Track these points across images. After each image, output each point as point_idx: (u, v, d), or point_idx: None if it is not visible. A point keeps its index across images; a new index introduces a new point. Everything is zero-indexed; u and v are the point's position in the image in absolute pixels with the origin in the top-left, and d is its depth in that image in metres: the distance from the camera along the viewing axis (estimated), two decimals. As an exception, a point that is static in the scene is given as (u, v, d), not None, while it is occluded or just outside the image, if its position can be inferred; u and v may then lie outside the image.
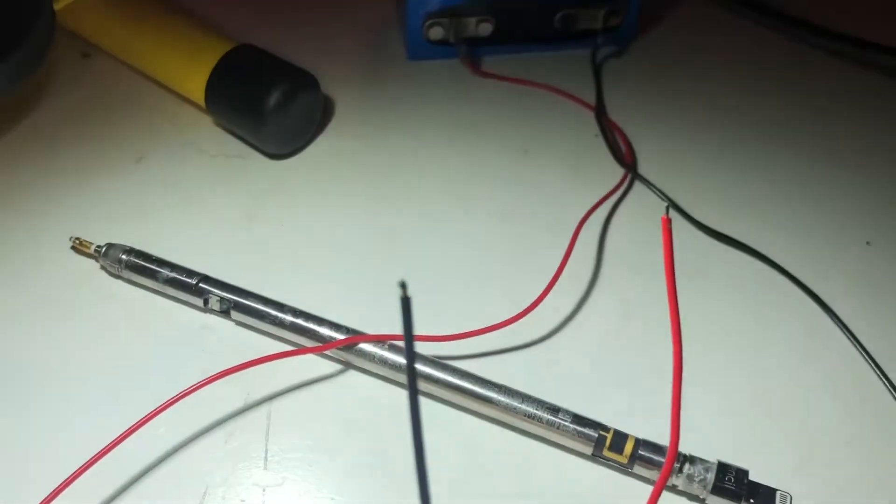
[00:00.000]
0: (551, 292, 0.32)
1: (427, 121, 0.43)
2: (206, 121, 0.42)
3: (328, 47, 0.47)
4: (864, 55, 0.35)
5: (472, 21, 0.44)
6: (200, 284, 0.33)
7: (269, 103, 0.38)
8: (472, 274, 0.35)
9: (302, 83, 0.39)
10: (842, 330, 0.33)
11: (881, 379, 0.32)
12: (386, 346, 0.31)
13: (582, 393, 0.31)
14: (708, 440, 0.29)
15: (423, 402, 0.30)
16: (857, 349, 0.33)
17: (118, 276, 0.34)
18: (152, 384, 0.31)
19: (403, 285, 0.16)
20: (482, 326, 0.31)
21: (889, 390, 0.31)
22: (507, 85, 0.45)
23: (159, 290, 0.34)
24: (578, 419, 0.29)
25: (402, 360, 0.30)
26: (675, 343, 0.20)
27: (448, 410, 0.30)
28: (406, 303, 0.16)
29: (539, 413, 0.29)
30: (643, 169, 0.41)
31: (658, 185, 0.39)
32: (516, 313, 0.31)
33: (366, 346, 0.31)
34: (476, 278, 0.35)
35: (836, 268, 0.36)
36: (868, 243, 0.37)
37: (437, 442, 0.29)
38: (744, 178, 0.40)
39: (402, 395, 0.31)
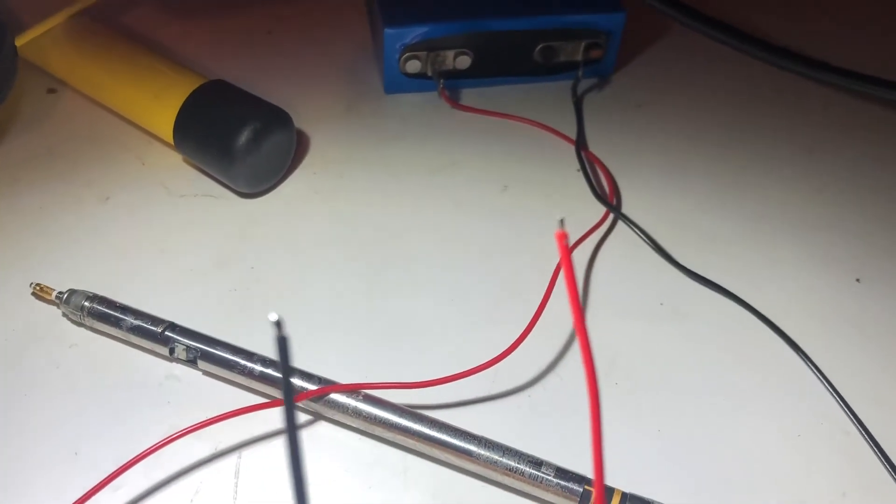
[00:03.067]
0: (532, 335, 0.31)
1: (405, 156, 0.42)
2: (176, 158, 0.41)
3: (304, 81, 0.47)
4: (853, 85, 0.35)
5: (449, 54, 0.43)
6: (166, 332, 0.32)
7: (239, 142, 0.37)
8: (450, 316, 0.34)
9: (274, 120, 0.38)
10: (821, 380, 0.33)
11: (859, 430, 0.31)
12: (359, 397, 0.29)
13: (565, 443, 0.30)
14: (685, 488, 0.28)
15: (398, 455, 0.29)
16: (839, 404, 0.32)
17: (81, 324, 0.33)
18: (114, 439, 0.29)
19: (278, 324, 0.15)
20: (459, 371, 0.30)
21: (878, 456, 0.30)
22: (487, 118, 0.44)
23: (124, 338, 0.32)
24: (562, 473, 0.28)
25: (377, 411, 0.29)
26: (589, 377, 0.18)
27: (423, 463, 0.29)
28: (282, 343, 0.15)
29: (520, 467, 0.28)
30: (626, 205, 0.40)
31: (639, 223, 0.38)
32: (493, 357, 0.30)
33: (337, 397, 0.30)
34: (454, 321, 0.34)
35: (818, 315, 0.35)
36: (858, 280, 0.37)
37: (412, 499, 0.28)
38: (729, 216, 0.40)
39: (378, 447, 0.30)
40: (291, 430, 0.16)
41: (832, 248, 0.38)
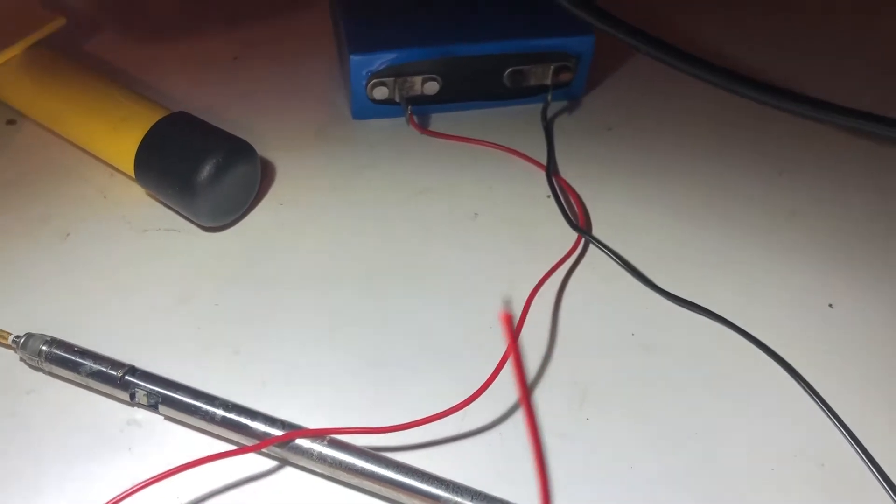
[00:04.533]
0: (505, 372, 0.30)
1: (374, 185, 0.42)
2: (139, 191, 0.40)
3: (270, 107, 0.46)
4: (821, 114, 0.35)
5: (417, 80, 0.43)
6: (126, 377, 0.31)
7: (200, 176, 0.36)
8: (420, 353, 0.34)
9: (236, 153, 0.37)
10: (810, 394, 0.32)
11: (856, 451, 0.30)
12: (325, 442, 0.29)
13: (533, 483, 0.29)
14: None
15: (366, 501, 0.29)
16: (827, 416, 0.32)
17: (38, 369, 0.32)
18: (72, 491, 0.28)
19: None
20: (429, 414, 0.29)
21: (867, 465, 0.30)
22: (456, 144, 0.44)
23: (82, 383, 0.31)
24: None
25: (343, 456, 0.28)
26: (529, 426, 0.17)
27: None
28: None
29: None
30: (598, 230, 0.39)
31: (613, 248, 0.38)
32: (464, 398, 0.30)
33: (303, 442, 0.29)
34: (424, 357, 0.34)
35: (802, 331, 0.35)
36: (831, 305, 0.36)
37: None
38: (702, 239, 0.39)
39: (344, 494, 0.29)
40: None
41: (805, 272, 0.38)
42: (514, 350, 0.17)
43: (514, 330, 0.16)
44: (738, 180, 0.43)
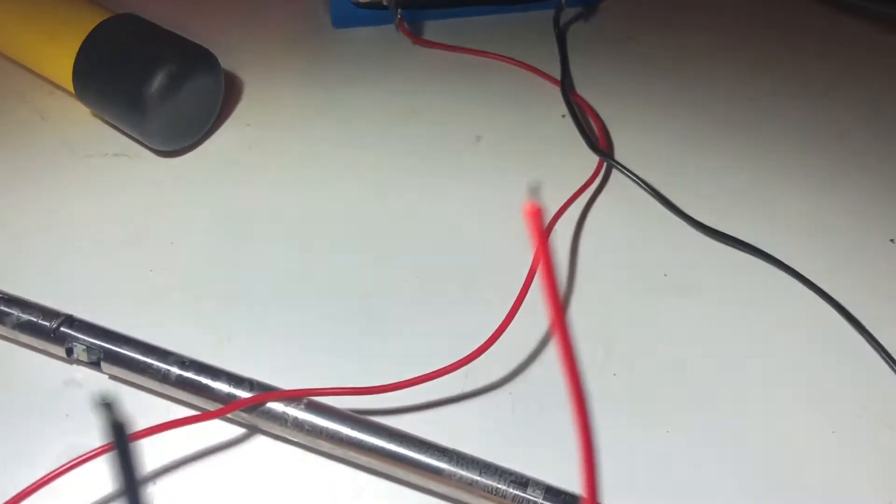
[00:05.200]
0: (515, 321, 0.27)
1: (358, 103, 0.38)
2: (83, 111, 0.37)
3: (236, 15, 0.42)
4: (875, 7, 0.32)
5: (409, -21, 0.39)
6: (61, 329, 0.27)
7: (151, 89, 0.32)
8: (413, 303, 0.31)
9: (194, 61, 0.34)
10: (874, 348, 0.29)
11: None
12: (302, 405, 0.25)
13: (557, 448, 0.26)
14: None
15: (350, 475, 0.25)
16: (893, 369, 0.28)
17: (-43, 320, 0.29)
18: (1, 466, 0.25)
19: (109, 405, 0.12)
20: (426, 371, 0.26)
21: None
22: (454, 56, 0.41)
23: (10, 336, 0.28)
24: (553, 493, 0.24)
25: (323, 422, 0.25)
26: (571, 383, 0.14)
27: (382, 484, 0.25)
28: (120, 432, 0.12)
29: (502, 487, 0.24)
30: (620, 155, 0.36)
31: (639, 174, 0.34)
32: (469, 353, 0.26)
33: (276, 406, 0.26)
34: (419, 308, 0.30)
35: (858, 269, 0.32)
36: (893, 241, 0.33)
37: None
38: (741, 165, 0.36)
39: (326, 465, 0.26)
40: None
41: (861, 202, 0.35)
42: (545, 255, 0.13)
43: (543, 228, 0.12)
44: (779, 96, 0.40)
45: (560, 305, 0.13)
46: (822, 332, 0.30)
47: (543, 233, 0.13)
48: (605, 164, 0.35)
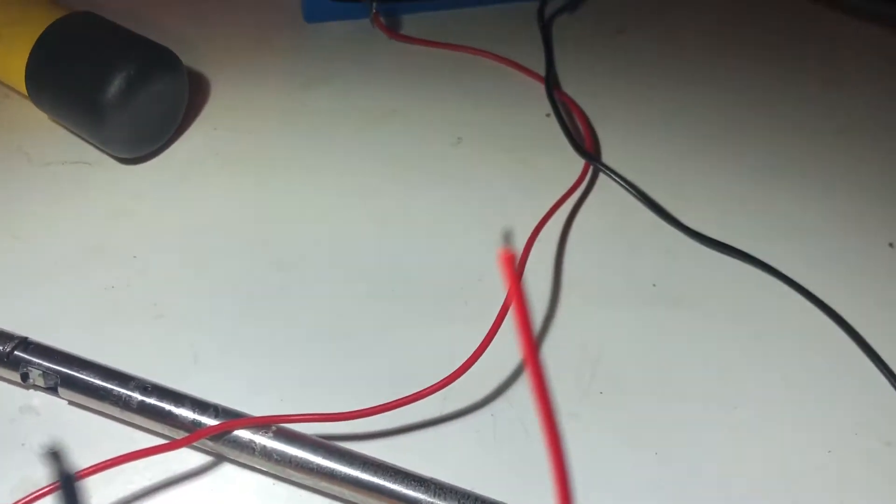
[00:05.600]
0: (497, 337, 0.26)
1: (331, 104, 0.37)
2: (40, 117, 0.35)
3: (201, 10, 0.41)
4: (873, 6, 0.31)
5: (384, -29, 0.37)
6: (16, 352, 0.26)
7: (108, 94, 0.31)
8: (389, 317, 0.29)
9: (154, 63, 0.32)
10: (872, 361, 0.28)
11: None
12: (270, 433, 0.24)
13: (541, 473, 0.24)
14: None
15: (321, 503, 0.25)
16: (891, 383, 0.27)
17: None
18: None
19: (56, 454, 0.12)
20: (402, 395, 0.25)
21: None
22: (433, 52, 0.40)
23: None
24: None
25: (293, 450, 0.24)
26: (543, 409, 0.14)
27: None
28: (68, 483, 0.13)
29: None
30: (608, 157, 0.35)
31: (628, 178, 0.34)
32: (448, 374, 0.25)
33: (244, 434, 0.25)
34: (395, 323, 0.29)
35: (855, 276, 0.31)
36: (892, 245, 0.32)
37: None
38: (734, 168, 0.36)
39: (296, 494, 0.25)
40: None
41: (859, 204, 0.34)
42: (518, 297, 0.13)
43: (516, 272, 0.11)
44: (775, 95, 0.39)
45: (534, 348, 0.13)
46: (818, 343, 0.29)
47: (516, 277, 0.12)
48: (591, 166, 0.34)
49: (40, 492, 0.23)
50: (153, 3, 0.40)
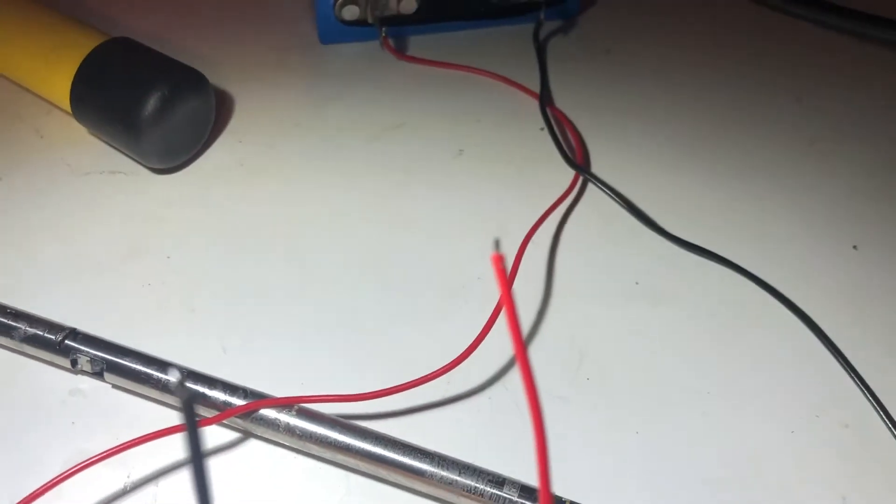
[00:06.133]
0: (494, 329, 0.28)
1: (344, 118, 0.38)
2: (80, 130, 0.37)
3: (226, 34, 0.42)
4: (843, 24, 0.31)
5: (392, -3, 0.39)
6: (66, 342, 0.28)
7: (146, 111, 0.32)
8: (398, 311, 0.31)
9: (186, 84, 0.34)
10: (831, 352, 0.30)
11: (879, 413, 0.28)
12: (293, 412, 0.26)
13: (532, 456, 0.26)
14: (667, 496, 0.25)
15: (340, 476, 0.26)
16: (852, 378, 0.29)
17: (-33, 334, 0.29)
18: (10, 470, 0.26)
19: (182, 383, 0.15)
20: (409, 379, 0.27)
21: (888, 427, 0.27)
22: (437, 71, 0.41)
23: (17, 349, 0.29)
24: (528, 492, 0.25)
25: (314, 427, 0.26)
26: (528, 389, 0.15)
27: (369, 484, 0.26)
28: (189, 406, 0.14)
29: (480, 486, 0.25)
30: (597, 167, 0.37)
31: (614, 187, 0.35)
32: (450, 360, 0.27)
33: (269, 412, 0.26)
34: (403, 316, 0.31)
35: (820, 275, 0.33)
36: (855, 247, 0.34)
37: None
38: (711, 177, 0.37)
39: (317, 467, 0.26)
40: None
41: (826, 210, 0.35)
42: (508, 298, 0.15)
43: (507, 275, 0.14)
44: (752, 109, 0.40)
45: (522, 344, 0.15)
46: (782, 336, 0.30)
47: (507, 279, 0.14)
48: (580, 177, 0.35)
49: (90, 461, 0.24)
50: (183, 29, 0.41)
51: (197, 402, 0.27)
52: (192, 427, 0.13)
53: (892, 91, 0.40)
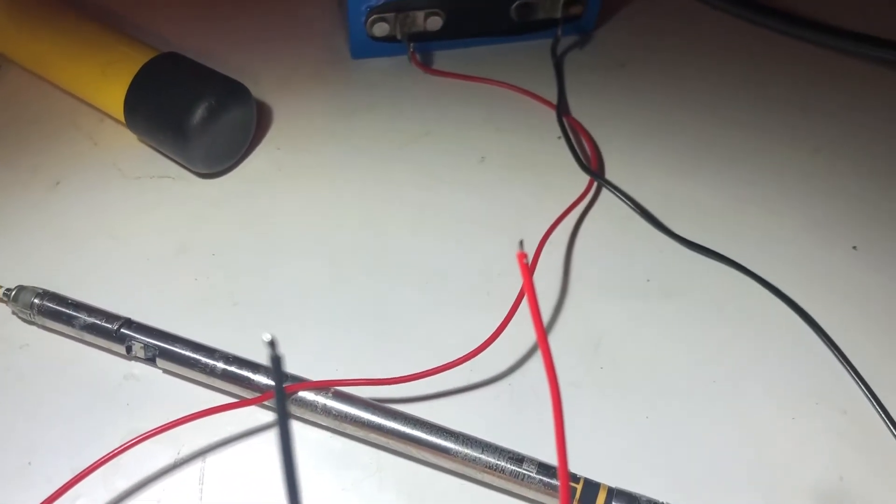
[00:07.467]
0: (512, 322, 0.29)
1: (374, 127, 0.40)
2: (130, 137, 0.39)
3: (265, 49, 0.44)
4: (842, 45, 0.33)
5: (419, 15, 0.40)
6: (122, 330, 0.30)
7: (193, 121, 0.34)
8: (425, 303, 0.33)
9: (230, 95, 0.35)
10: (828, 346, 0.31)
11: (875, 408, 0.29)
12: (329, 394, 0.28)
13: (549, 433, 0.28)
14: (676, 478, 0.27)
15: (372, 454, 0.28)
16: (847, 370, 0.30)
17: (31, 322, 0.31)
18: (70, 447, 0.28)
19: (272, 343, 0.15)
20: (435, 365, 0.28)
21: (887, 425, 0.29)
22: (461, 83, 0.42)
23: (77, 336, 0.30)
24: (545, 468, 0.26)
25: (348, 408, 0.28)
26: (549, 372, 0.17)
27: (399, 462, 0.28)
28: (277, 363, 0.15)
29: (501, 464, 0.26)
30: (611, 173, 0.38)
31: (627, 192, 0.36)
32: (473, 349, 0.28)
33: (306, 395, 0.28)
34: (430, 307, 0.32)
35: (821, 274, 0.34)
36: (855, 248, 0.35)
37: (387, 500, 0.27)
38: (718, 182, 0.38)
39: (351, 446, 0.28)
40: (289, 465, 0.15)
41: (828, 213, 0.36)
42: (531, 290, 0.16)
43: (529, 269, 0.15)
44: (759, 119, 0.41)
45: (543, 330, 0.16)
46: (784, 331, 0.32)
47: (529, 273, 0.16)
48: (595, 182, 0.36)
49: (144, 436, 0.26)
50: (226, 44, 0.43)
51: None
52: (280, 385, 0.15)
53: (889, 105, 0.41)
